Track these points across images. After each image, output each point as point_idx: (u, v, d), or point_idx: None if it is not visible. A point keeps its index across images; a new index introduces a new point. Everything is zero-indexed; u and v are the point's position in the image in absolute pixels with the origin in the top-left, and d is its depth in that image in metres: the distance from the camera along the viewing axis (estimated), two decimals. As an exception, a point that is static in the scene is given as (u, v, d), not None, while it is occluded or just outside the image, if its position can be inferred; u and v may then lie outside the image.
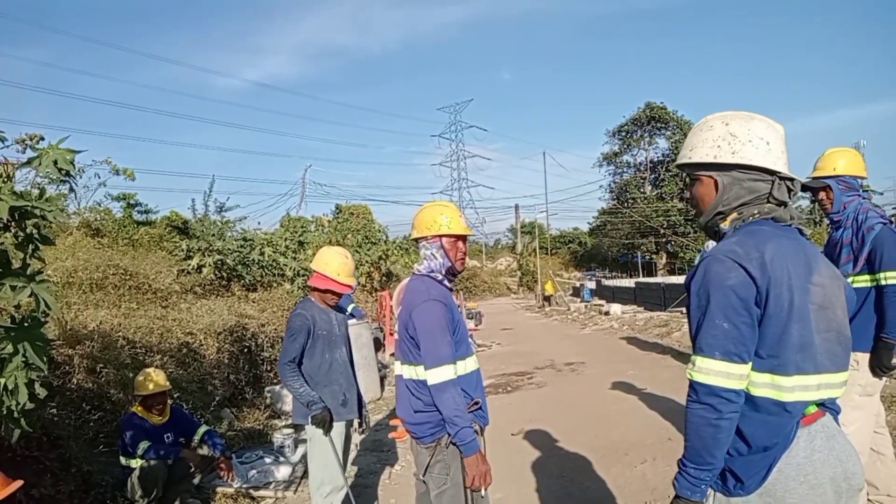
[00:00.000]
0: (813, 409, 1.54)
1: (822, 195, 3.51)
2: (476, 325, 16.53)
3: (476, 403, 2.51)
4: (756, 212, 1.60)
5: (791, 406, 1.49)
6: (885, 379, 3.36)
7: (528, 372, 9.78)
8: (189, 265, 10.23)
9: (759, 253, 1.50)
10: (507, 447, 5.45)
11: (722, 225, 1.66)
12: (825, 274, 1.58)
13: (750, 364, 1.50)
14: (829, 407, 1.57)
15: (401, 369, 2.61)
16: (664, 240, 46.93)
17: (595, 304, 22.68)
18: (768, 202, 1.61)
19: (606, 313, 18.45)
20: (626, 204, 49.70)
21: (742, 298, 1.47)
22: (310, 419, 3.46)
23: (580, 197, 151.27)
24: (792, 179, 1.62)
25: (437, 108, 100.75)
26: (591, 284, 30.44)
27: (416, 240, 2.68)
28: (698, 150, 1.68)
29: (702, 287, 1.53)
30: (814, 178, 3.50)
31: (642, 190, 49.63)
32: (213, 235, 10.99)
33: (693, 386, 1.52)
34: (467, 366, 2.53)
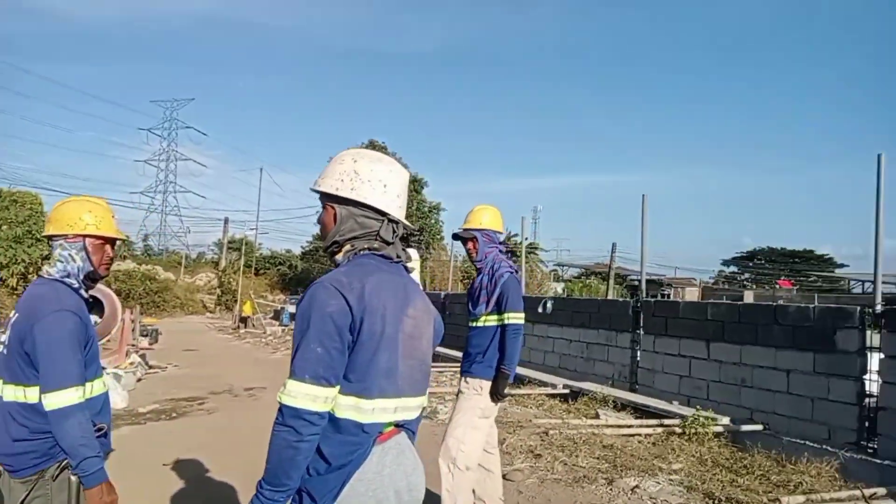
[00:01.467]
0: (390, 428, 1.66)
1: (469, 245, 4.01)
2: (150, 344, 14.91)
3: (100, 429, 2.23)
4: (366, 246, 1.72)
5: (368, 427, 1.59)
6: (500, 404, 3.93)
7: (202, 397, 9.11)
8: None
9: (360, 284, 1.59)
10: (155, 478, 4.95)
11: (337, 256, 1.75)
12: (419, 307, 1.75)
13: (338, 388, 1.56)
14: (405, 426, 1.72)
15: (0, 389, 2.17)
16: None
17: (292, 329, 22.47)
18: (377, 240, 1.73)
19: (301, 338, 18.37)
20: (337, 231, 50.98)
21: (338, 325, 1.54)
22: None
23: (296, 219, 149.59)
24: (398, 223, 1.77)
25: (150, 100, 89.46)
26: (292, 308, 30.14)
27: (52, 237, 2.31)
28: (326, 180, 1.75)
29: (305, 312, 1.56)
30: (464, 230, 4.00)
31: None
32: None
33: (280, 408, 1.53)
34: (94, 388, 2.24)
